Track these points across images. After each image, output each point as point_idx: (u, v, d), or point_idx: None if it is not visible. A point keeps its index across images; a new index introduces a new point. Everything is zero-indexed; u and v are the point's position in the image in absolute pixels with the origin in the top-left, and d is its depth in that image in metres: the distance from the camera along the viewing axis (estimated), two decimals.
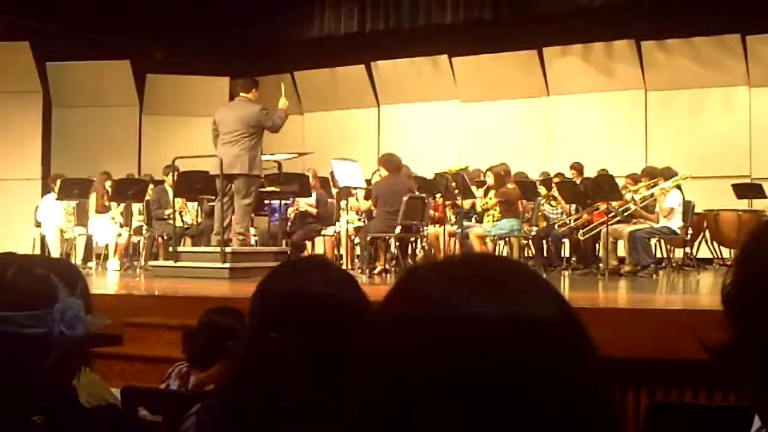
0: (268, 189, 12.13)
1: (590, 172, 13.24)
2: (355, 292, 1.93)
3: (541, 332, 0.92)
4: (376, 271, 11.79)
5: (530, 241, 12.69)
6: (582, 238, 11.94)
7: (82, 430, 1.71)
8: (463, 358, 0.89)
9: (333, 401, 1.04)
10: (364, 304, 1.89)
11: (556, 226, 12.65)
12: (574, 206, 12.68)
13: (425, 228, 11.93)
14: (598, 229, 11.53)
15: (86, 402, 1.87)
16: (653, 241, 11.65)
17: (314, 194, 13.00)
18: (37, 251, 13.98)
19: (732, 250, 13.04)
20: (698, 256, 12.99)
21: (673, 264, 12.29)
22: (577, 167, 13.79)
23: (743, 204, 13.33)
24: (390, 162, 11.74)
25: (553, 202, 13.19)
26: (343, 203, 12.65)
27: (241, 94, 11.04)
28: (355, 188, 12.54)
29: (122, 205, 13.65)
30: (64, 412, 1.68)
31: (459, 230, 11.80)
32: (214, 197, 11.50)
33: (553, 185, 13.14)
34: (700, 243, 13.23)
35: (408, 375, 0.91)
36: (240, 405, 1.83)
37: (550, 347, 0.91)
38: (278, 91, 11.41)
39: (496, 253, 12.40)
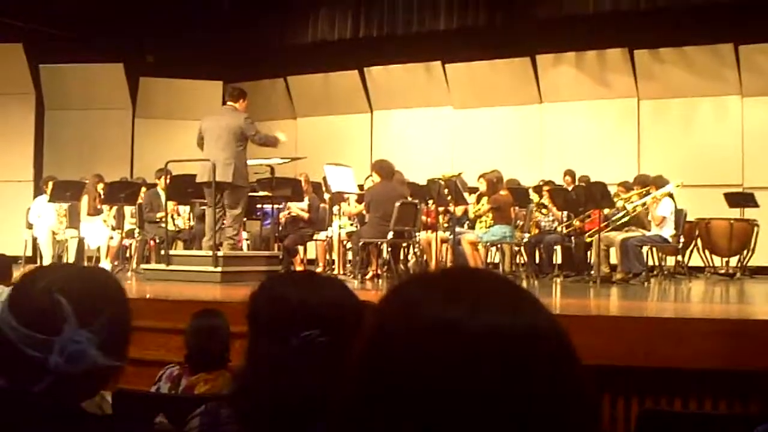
0: (261, 193, 12.11)
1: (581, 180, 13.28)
2: (353, 299, 1.94)
3: (534, 345, 0.93)
4: (367, 277, 11.78)
5: (522, 248, 12.68)
6: (588, 240, 11.94)
7: None
8: (458, 374, 0.91)
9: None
10: (361, 310, 1.89)
11: (563, 229, 12.65)
12: (565, 213, 12.71)
13: (417, 234, 11.93)
14: (601, 232, 11.50)
15: None
16: (645, 248, 11.66)
17: (306, 199, 13.00)
18: (29, 253, 13.98)
19: (723, 259, 13.08)
20: (690, 265, 13.02)
21: (665, 272, 12.31)
22: (571, 174, 13.85)
23: (735, 213, 13.35)
24: (383, 168, 11.73)
25: (544, 210, 13.21)
26: (335, 208, 12.64)
27: (229, 102, 11.01)
28: (348, 194, 12.53)
29: (114, 207, 13.64)
30: (61, 417, 1.68)
31: (451, 236, 11.80)
32: (204, 200, 11.45)
33: (543, 193, 13.16)
34: (691, 251, 13.26)
35: (400, 389, 0.92)
36: (253, 409, 1.83)
37: (542, 360, 0.93)
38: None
39: (488, 260, 12.43)
